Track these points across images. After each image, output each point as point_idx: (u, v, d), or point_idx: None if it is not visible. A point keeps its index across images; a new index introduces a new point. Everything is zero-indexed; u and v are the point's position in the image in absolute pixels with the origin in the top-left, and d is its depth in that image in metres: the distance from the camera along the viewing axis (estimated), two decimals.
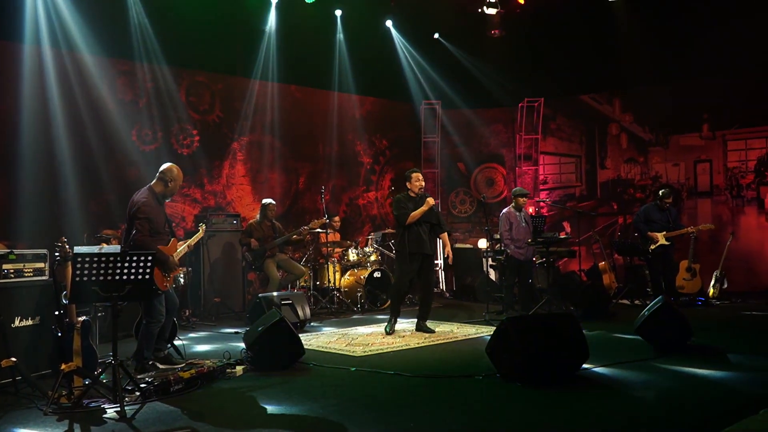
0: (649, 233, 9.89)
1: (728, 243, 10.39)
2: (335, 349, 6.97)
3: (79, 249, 5.82)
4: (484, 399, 4.97)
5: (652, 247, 9.85)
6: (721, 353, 6.27)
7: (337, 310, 10.12)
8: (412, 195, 7.94)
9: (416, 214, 7.75)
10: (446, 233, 8.33)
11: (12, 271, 5.78)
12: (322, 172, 12.51)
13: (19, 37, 8.75)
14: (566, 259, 11.92)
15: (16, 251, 5.92)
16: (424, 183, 8.04)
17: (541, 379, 5.21)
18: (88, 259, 4.76)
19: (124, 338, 7.22)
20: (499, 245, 9.68)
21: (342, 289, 10.46)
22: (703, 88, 11.95)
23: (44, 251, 6.07)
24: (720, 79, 11.69)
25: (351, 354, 6.69)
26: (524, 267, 9.31)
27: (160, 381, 5.13)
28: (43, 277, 5.98)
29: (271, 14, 11.36)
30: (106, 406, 4.79)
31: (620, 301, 10.20)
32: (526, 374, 5.25)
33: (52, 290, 5.69)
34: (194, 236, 6.70)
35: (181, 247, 6.29)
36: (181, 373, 5.30)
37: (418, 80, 13.31)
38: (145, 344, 5.92)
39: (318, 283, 10.54)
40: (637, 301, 10.11)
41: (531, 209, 12.33)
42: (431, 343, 7.23)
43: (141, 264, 4.96)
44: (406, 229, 7.78)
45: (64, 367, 5.00)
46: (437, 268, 13.42)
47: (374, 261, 10.84)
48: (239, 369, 5.87)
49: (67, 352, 5.17)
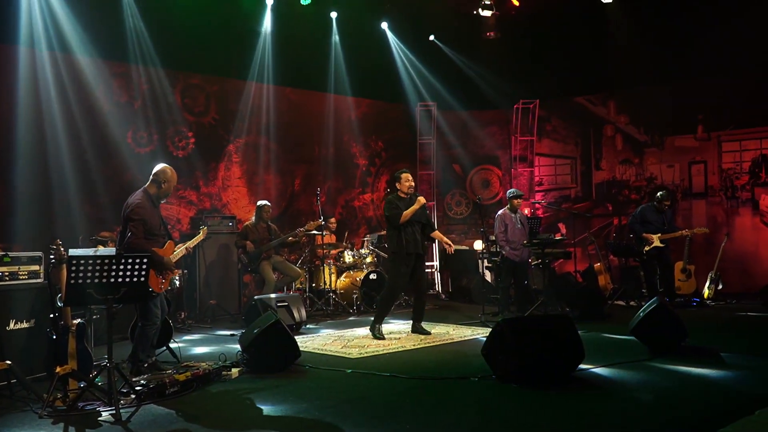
0: (644, 234, 9.89)
1: (723, 244, 10.43)
2: (331, 351, 6.97)
3: (74, 251, 5.81)
4: (480, 400, 4.97)
5: (647, 248, 9.86)
6: (716, 354, 6.28)
7: (333, 312, 10.11)
8: (402, 196, 7.94)
9: (408, 213, 7.75)
10: (436, 231, 8.35)
11: (7, 274, 5.77)
12: (318, 174, 12.51)
13: (14, 40, 8.72)
14: (562, 260, 11.93)
15: (11, 254, 5.92)
16: (414, 183, 8.05)
17: (536, 381, 5.21)
18: (83, 262, 4.76)
19: (120, 341, 7.20)
20: (494, 247, 9.69)
21: (338, 291, 10.45)
22: (698, 89, 11.98)
23: (39, 254, 6.06)
24: (714, 80, 11.72)
25: (347, 356, 6.69)
26: (520, 268, 9.34)
27: (155, 384, 5.12)
28: (38, 280, 5.96)
29: (267, 16, 11.35)
30: (102, 409, 4.78)
31: (615, 303, 10.22)
32: (521, 376, 5.26)
33: (47, 293, 5.69)
34: (194, 238, 6.69)
35: (179, 249, 6.28)
36: (176, 376, 5.30)
37: (414, 82, 13.31)
38: (141, 347, 5.90)
39: (314, 285, 10.54)
40: (632, 302, 10.14)
41: (526, 211, 12.34)
42: (427, 345, 7.24)
43: (136, 266, 4.96)
44: (400, 230, 7.77)
45: (59, 369, 4.98)
46: (433, 270, 13.46)
47: (370, 263, 10.85)
48: (235, 371, 5.87)
49: (62, 354, 5.16)
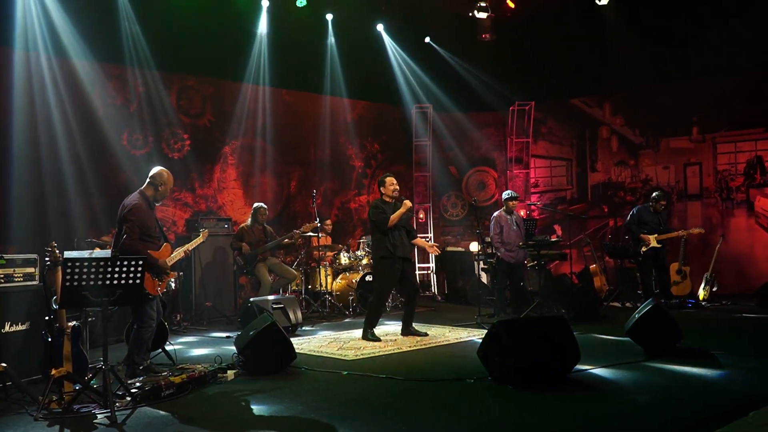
0: (642, 235, 9.91)
1: (718, 245, 10.44)
2: (327, 353, 6.97)
3: (69, 254, 5.80)
4: (476, 402, 4.98)
5: (644, 249, 9.87)
6: (711, 355, 6.29)
7: (329, 313, 10.10)
8: (387, 200, 7.94)
9: (395, 217, 7.74)
10: (417, 238, 8.36)
11: (2, 276, 5.76)
12: (314, 176, 12.51)
13: (10, 42, 8.71)
14: (557, 262, 11.94)
15: (6, 256, 5.91)
16: (398, 187, 8.04)
17: (532, 382, 5.22)
18: (78, 264, 4.75)
19: (115, 343, 7.19)
20: (490, 248, 9.70)
21: (334, 293, 10.45)
22: (693, 91, 12.02)
23: (34, 256, 6.05)
24: (709, 82, 11.76)
25: (343, 358, 6.70)
26: (515, 270, 9.34)
27: (151, 386, 5.11)
28: (34, 282, 5.96)
29: (262, 18, 11.35)
30: (97, 412, 4.78)
31: (611, 304, 10.24)
32: (517, 377, 5.27)
33: (43, 295, 5.68)
34: (194, 241, 6.68)
35: (176, 252, 6.27)
36: (172, 378, 5.29)
37: (410, 84, 13.33)
38: (136, 349, 5.88)
39: (310, 287, 10.54)
40: (627, 304, 10.14)
41: (522, 212, 12.34)
42: (423, 347, 7.24)
43: (131, 269, 4.95)
44: (387, 234, 7.75)
45: (54, 372, 4.98)
46: (429, 271, 13.47)
47: (366, 264, 10.84)
48: (231, 373, 5.86)
49: (57, 357, 5.15)
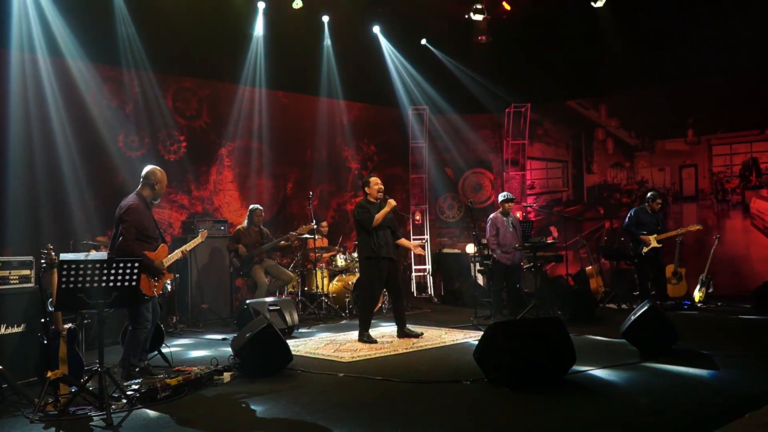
0: (641, 237, 9.92)
1: (714, 247, 10.45)
2: (323, 355, 6.96)
3: (65, 256, 5.79)
4: (472, 404, 4.97)
5: (645, 250, 9.89)
6: (707, 357, 6.29)
7: (326, 315, 10.10)
8: (372, 200, 7.93)
9: (380, 216, 7.73)
10: (402, 239, 8.26)
11: None
12: (310, 178, 12.51)
13: (5, 43, 8.71)
14: (553, 263, 11.97)
15: (2, 258, 5.90)
16: (383, 187, 8.03)
17: (528, 384, 5.22)
18: (74, 266, 4.75)
19: (111, 345, 7.18)
20: (486, 250, 9.71)
21: (330, 295, 10.44)
22: (688, 93, 12.04)
23: (30, 258, 6.04)
24: (704, 84, 11.79)
25: (339, 360, 6.69)
26: (512, 272, 9.34)
27: (146, 388, 5.11)
28: (29, 284, 5.94)
29: (259, 20, 11.36)
30: (93, 414, 4.77)
31: (607, 306, 10.24)
32: (513, 379, 5.27)
33: (38, 297, 5.67)
34: (192, 241, 6.67)
35: (174, 253, 6.25)
36: (168, 380, 5.28)
37: (406, 86, 13.34)
38: (132, 351, 5.88)
39: (306, 289, 10.53)
40: (623, 305, 10.15)
41: (518, 214, 12.36)
42: (419, 349, 7.24)
43: (127, 270, 4.95)
44: (372, 234, 7.74)
45: (50, 374, 4.97)
46: (425, 273, 13.47)
47: None
48: (227, 375, 5.85)
49: (53, 359, 5.14)
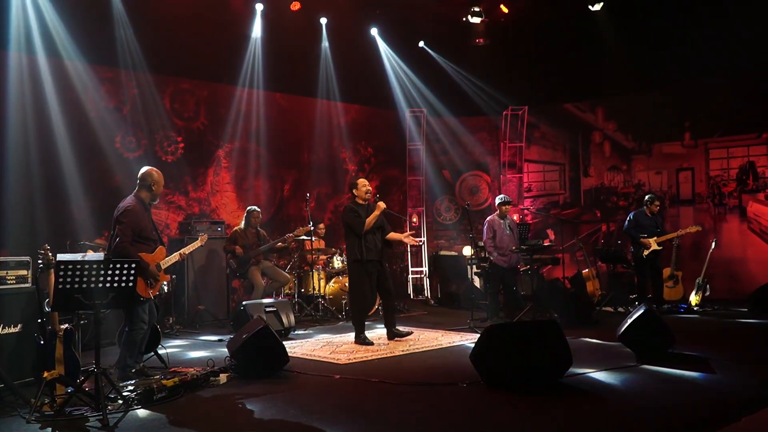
0: (642, 239, 9.94)
1: (710, 250, 10.45)
2: (320, 357, 6.97)
3: (62, 256, 5.78)
4: (469, 406, 4.98)
5: (646, 252, 9.90)
6: (703, 360, 6.31)
7: (322, 317, 10.08)
8: (361, 202, 7.92)
9: (371, 220, 7.70)
10: (390, 232, 8.13)
11: None
12: (307, 180, 12.51)
13: (3, 44, 8.70)
14: (550, 266, 11.98)
15: None
16: (371, 188, 8.02)
17: (525, 386, 5.24)
18: (71, 267, 4.75)
19: (107, 346, 7.17)
20: (483, 252, 9.71)
21: (327, 297, 10.43)
22: (685, 96, 12.06)
23: (27, 258, 6.03)
24: (702, 87, 11.80)
25: (335, 361, 6.69)
26: (508, 274, 9.35)
27: (143, 389, 5.11)
28: (26, 285, 5.93)
29: (257, 22, 11.36)
30: (89, 415, 4.76)
31: (604, 309, 10.24)
32: (510, 381, 5.28)
33: (35, 298, 5.66)
34: (191, 244, 6.66)
35: (172, 255, 6.24)
36: (164, 381, 5.29)
37: (403, 88, 13.35)
38: (128, 352, 5.87)
39: (303, 291, 10.52)
40: (620, 308, 10.16)
41: (515, 217, 12.38)
42: (416, 351, 7.24)
43: (124, 272, 4.95)
44: (362, 238, 7.70)
45: (46, 375, 4.97)
46: (422, 275, 13.48)
47: None
48: (223, 377, 5.86)
49: (49, 360, 5.14)
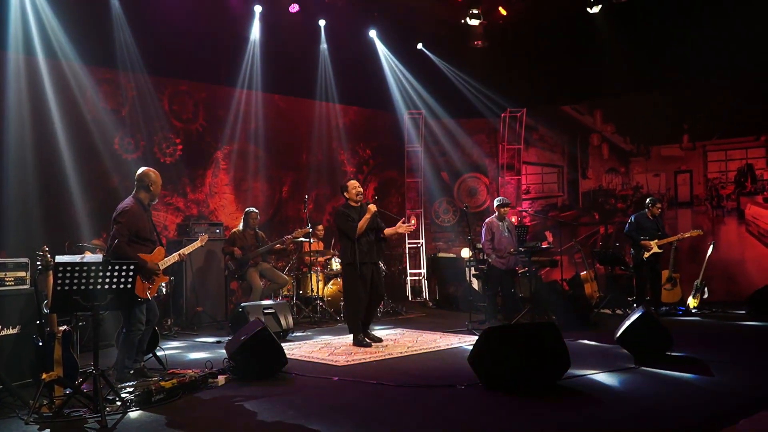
0: (643, 242, 9.95)
1: (709, 253, 10.45)
2: (318, 359, 6.97)
3: (60, 258, 5.79)
4: (467, 408, 4.98)
5: (646, 255, 9.91)
6: (701, 363, 6.31)
7: (320, 319, 10.08)
8: (353, 204, 7.90)
9: (362, 224, 7.69)
10: (385, 228, 8.09)
11: None
12: (306, 181, 12.51)
13: (2, 45, 8.70)
14: (548, 268, 11.99)
15: None
16: (361, 190, 8.00)
17: (523, 388, 5.25)
18: (69, 269, 4.75)
19: (106, 347, 7.17)
20: (481, 255, 9.72)
21: (325, 299, 10.44)
22: (683, 98, 12.09)
23: (26, 260, 6.03)
24: (700, 90, 11.83)
25: (334, 363, 6.69)
26: (507, 276, 9.36)
27: (141, 391, 5.12)
28: (25, 286, 5.94)
29: (255, 24, 11.38)
30: (87, 416, 4.77)
31: (602, 311, 10.24)
32: (508, 383, 5.29)
33: (34, 299, 5.66)
34: (191, 245, 6.64)
35: (171, 256, 6.24)
36: (162, 383, 5.29)
37: (402, 90, 13.36)
38: (126, 354, 5.87)
39: (301, 293, 10.52)
40: (618, 311, 10.17)
41: (514, 219, 12.39)
42: (414, 353, 7.25)
43: (123, 273, 4.95)
44: (355, 241, 7.69)
45: (45, 376, 4.97)
46: (420, 277, 13.49)
47: None
48: (221, 379, 5.86)
49: (48, 361, 5.14)
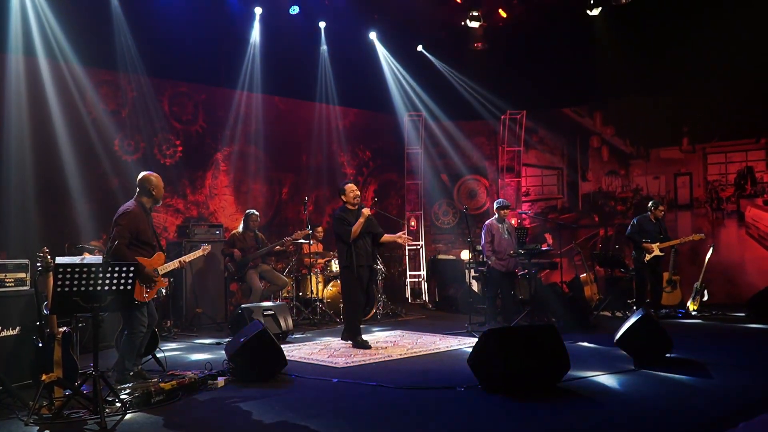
0: (644, 244, 9.96)
1: (708, 255, 10.46)
2: (317, 361, 6.97)
3: (61, 259, 5.78)
4: (466, 410, 4.98)
5: (648, 257, 9.92)
6: (701, 365, 6.32)
7: (320, 321, 10.08)
8: (350, 207, 7.89)
9: (357, 228, 7.67)
10: (384, 234, 8.11)
11: None
12: (306, 183, 12.52)
13: (3, 47, 8.71)
14: (548, 270, 11.98)
15: None
16: (359, 193, 7.99)
17: (522, 391, 5.25)
18: (69, 270, 4.75)
19: (106, 349, 7.17)
20: (481, 257, 9.72)
21: (325, 300, 10.43)
22: (683, 101, 12.11)
23: (26, 261, 6.04)
24: (700, 92, 11.85)
25: (333, 365, 6.69)
26: (506, 278, 9.36)
27: (140, 392, 5.12)
28: (25, 287, 5.94)
29: (255, 26, 11.39)
30: (87, 417, 4.76)
31: (601, 313, 10.25)
32: (507, 385, 5.29)
33: (34, 300, 5.66)
34: (192, 253, 6.65)
35: (171, 262, 6.21)
36: (162, 385, 5.29)
37: (402, 92, 13.38)
38: (127, 355, 5.88)
39: (301, 294, 10.52)
40: (618, 313, 10.17)
41: (513, 221, 12.39)
42: (413, 355, 7.25)
43: (122, 275, 4.95)
44: (352, 244, 7.68)
45: (44, 377, 4.97)
46: (420, 279, 13.49)
47: None
48: (221, 380, 5.85)
49: (47, 362, 5.14)
